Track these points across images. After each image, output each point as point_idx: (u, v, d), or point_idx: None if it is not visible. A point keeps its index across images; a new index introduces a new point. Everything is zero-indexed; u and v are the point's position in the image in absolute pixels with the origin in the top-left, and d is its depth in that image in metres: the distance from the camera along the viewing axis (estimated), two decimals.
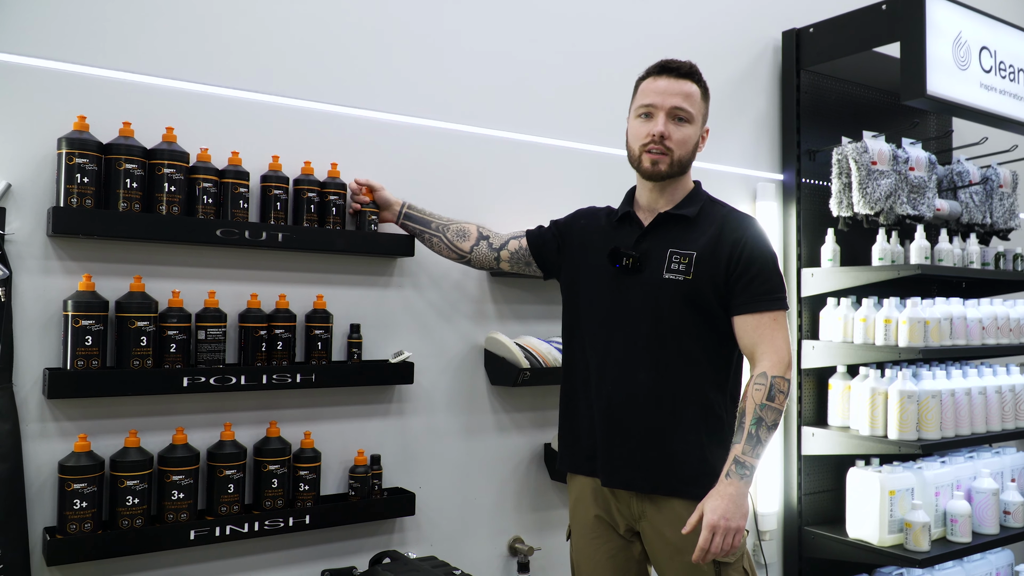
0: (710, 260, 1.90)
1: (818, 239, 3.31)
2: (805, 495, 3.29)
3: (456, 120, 2.54)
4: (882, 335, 3.03)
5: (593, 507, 2.03)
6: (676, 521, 1.89)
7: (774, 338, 1.86)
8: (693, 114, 1.94)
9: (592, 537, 2.03)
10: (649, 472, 1.92)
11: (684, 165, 1.98)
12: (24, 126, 1.91)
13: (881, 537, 2.99)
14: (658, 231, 1.98)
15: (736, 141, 3.27)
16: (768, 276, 1.90)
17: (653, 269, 1.93)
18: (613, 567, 2.00)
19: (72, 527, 1.86)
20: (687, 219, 1.96)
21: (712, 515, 1.74)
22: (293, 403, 2.24)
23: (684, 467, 1.91)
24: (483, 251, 2.23)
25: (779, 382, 1.84)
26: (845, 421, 3.21)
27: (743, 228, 1.93)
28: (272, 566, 2.21)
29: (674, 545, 1.91)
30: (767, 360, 1.85)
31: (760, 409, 1.82)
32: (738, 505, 1.77)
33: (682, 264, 1.91)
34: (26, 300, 1.91)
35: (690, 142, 1.95)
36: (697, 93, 1.96)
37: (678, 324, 1.91)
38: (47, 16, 1.94)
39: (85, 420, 1.97)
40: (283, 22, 2.26)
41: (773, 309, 1.88)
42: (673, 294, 1.91)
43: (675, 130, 1.93)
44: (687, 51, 3.08)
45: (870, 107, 3.53)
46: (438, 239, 2.25)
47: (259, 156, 2.19)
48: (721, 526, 1.73)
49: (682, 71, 1.96)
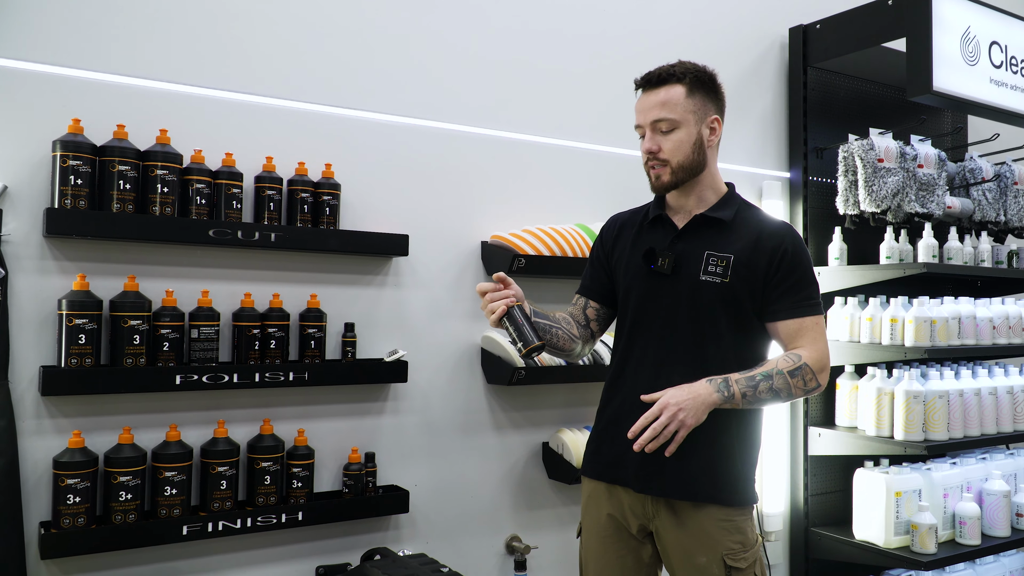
0: (748, 265, 1.87)
1: (825, 238, 3.27)
2: (812, 496, 3.26)
3: (451, 120, 2.55)
4: (888, 334, 2.99)
5: (607, 505, 1.98)
6: (692, 525, 1.86)
7: (815, 339, 1.86)
8: (676, 118, 1.89)
9: (603, 536, 1.99)
10: (684, 481, 1.87)
11: (690, 168, 1.91)
12: (20, 129, 1.96)
13: (887, 539, 2.95)
14: (693, 233, 1.94)
15: (741, 139, 3.24)
16: (807, 283, 1.88)
17: (690, 270, 1.90)
18: (621, 568, 1.96)
19: (66, 521, 1.90)
20: (723, 222, 1.92)
21: (670, 397, 1.75)
22: (287, 401, 2.27)
23: (717, 475, 1.87)
24: (585, 335, 2.09)
25: (807, 371, 1.82)
26: (852, 421, 3.17)
27: (782, 235, 1.90)
28: (266, 562, 2.23)
29: (687, 549, 1.87)
30: (806, 351, 1.84)
31: (776, 373, 1.81)
32: (698, 405, 1.75)
33: (719, 267, 1.87)
34: (23, 299, 1.96)
35: (684, 145, 1.90)
36: (678, 94, 1.90)
37: (714, 327, 1.88)
38: (43, 21, 1.98)
39: (80, 417, 2.01)
40: (276, 25, 2.28)
41: (815, 314, 1.88)
42: (710, 296, 1.87)
43: (663, 140, 1.90)
44: (692, 49, 3.08)
45: (880, 103, 3.48)
46: (560, 330, 2.01)
47: (254, 157, 2.22)
48: (671, 410, 1.73)
49: (654, 80, 1.92)
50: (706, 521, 1.85)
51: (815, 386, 1.84)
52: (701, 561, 1.83)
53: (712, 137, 1.93)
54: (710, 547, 1.83)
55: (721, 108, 1.96)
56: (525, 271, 2.47)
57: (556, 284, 2.72)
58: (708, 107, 1.92)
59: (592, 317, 2.07)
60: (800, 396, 1.85)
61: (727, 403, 1.79)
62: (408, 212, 2.47)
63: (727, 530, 1.85)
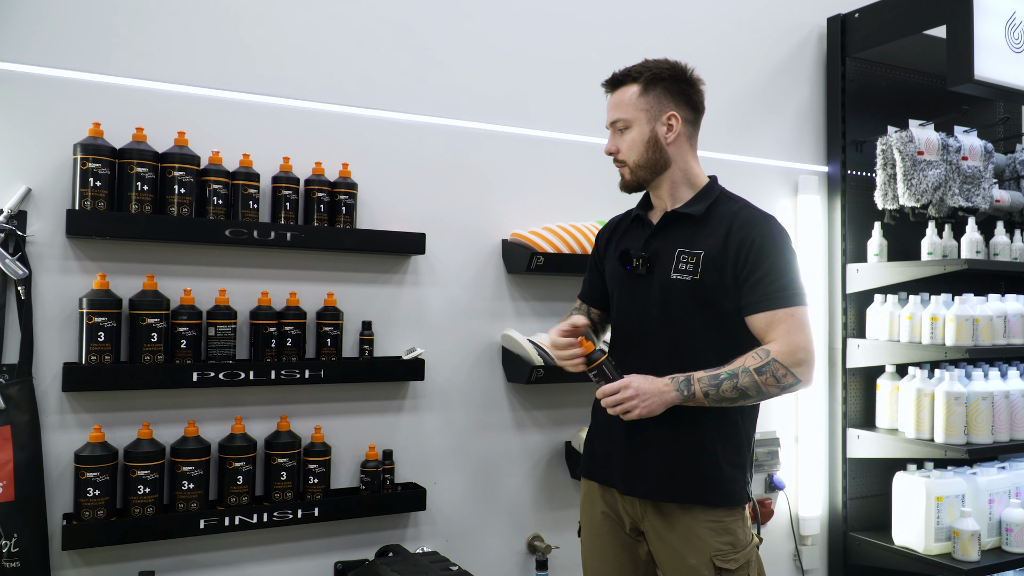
0: (718, 260, 1.83)
1: (865, 233, 3.17)
2: (851, 499, 3.16)
3: (469, 118, 2.55)
4: (928, 333, 2.88)
5: (600, 503, 1.99)
6: (680, 526, 1.85)
7: (789, 332, 1.77)
8: (628, 118, 1.90)
9: (599, 534, 1.99)
10: (667, 483, 1.86)
11: (648, 166, 1.91)
12: (44, 133, 2.02)
13: (927, 545, 2.84)
14: (667, 231, 1.92)
15: (776, 132, 3.16)
16: (780, 273, 1.80)
17: (662, 269, 1.88)
18: (618, 565, 1.96)
19: (86, 514, 1.96)
20: (694, 218, 1.90)
21: (633, 381, 1.76)
22: (305, 398, 2.30)
23: (699, 476, 1.85)
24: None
25: (777, 367, 1.75)
26: (893, 423, 3.07)
27: (751, 226, 1.84)
28: (284, 557, 2.27)
29: (676, 550, 1.86)
30: (776, 345, 1.77)
31: (743, 371, 1.75)
32: (655, 398, 1.76)
33: (689, 264, 1.85)
34: (46, 298, 2.02)
35: (637, 144, 1.90)
36: (631, 93, 1.90)
37: (689, 325, 1.86)
38: (65, 28, 2.04)
39: (102, 412, 2.06)
40: (292, 26, 2.31)
41: (788, 305, 1.79)
42: (682, 294, 1.85)
43: (620, 141, 1.93)
44: (724, 42, 3.04)
45: (922, 94, 3.35)
46: None
47: (271, 158, 2.25)
48: (629, 392, 1.75)
49: (611, 82, 1.95)
50: (693, 523, 1.83)
51: (792, 382, 1.76)
52: (691, 563, 1.81)
53: (670, 134, 1.90)
54: (699, 548, 1.81)
55: (688, 103, 1.93)
56: (543, 269, 2.45)
57: (574, 281, 2.67)
58: (665, 103, 1.90)
59: (596, 321, 2.09)
60: (777, 393, 1.78)
61: (688, 402, 1.77)
62: (426, 210, 2.47)
63: (715, 531, 1.82)
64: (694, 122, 1.96)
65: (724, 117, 3.04)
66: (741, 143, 3.08)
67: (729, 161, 3.03)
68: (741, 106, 3.09)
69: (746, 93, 3.11)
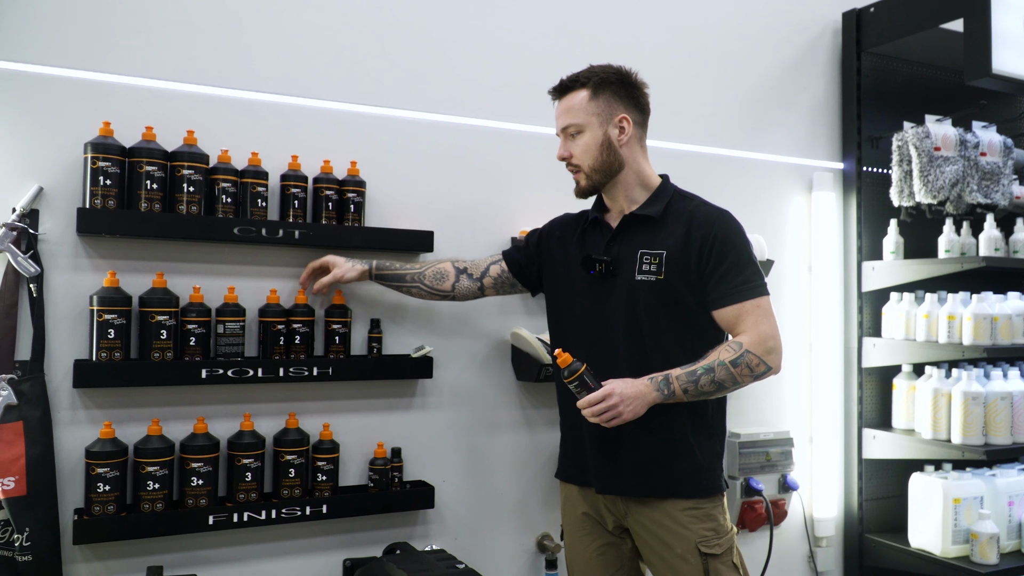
0: (681, 258, 1.89)
1: (881, 231, 3.13)
2: (867, 500, 3.13)
3: (478, 115, 2.55)
4: (945, 332, 2.84)
5: (582, 504, 2.05)
6: (663, 517, 1.90)
7: (757, 322, 1.86)
8: (580, 123, 1.95)
9: (581, 535, 2.05)
10: (643, 478, 1.93)
11: (603, 169, 1.95)
12: (55, 133, 2.04)
13: (944, 548, 2.81)
14: (627, 233, 1.97)
15: (790, 129, 3.13)
16: (743, 267, 1.88)
17: (626, 272, 1.93)
18: (603, 563, 2.01)
19: (96, 509, 1.98)
20: (653, 219, 1.95)
21: (615, 387, 1.80)
22: (313, 396, 2.30)
23: (675, 468, 1.92)
24: (464, 285, 2.23)
25: (751, 357, 1.83)
26: (910, 424, 3.03)
27: (711, 223, 1.91)
28: (293, 553, 2.28)
29: (662, 540, 1.91)
30: (747, 336, 1.85)
31: (718, 364, 1.82)
32: (638, 400, 1.80)
33: (653, 264, 1.91)
34: (58, 296, 2.04)
35: (590, 148, 1.95)
36: (582, 98, 1.95)
37: (655, 325, 1.91)
38: (75, 29, 2.06)
39: (112, 408, 2.08)
40: (300, 25, 2.32)
41: (753, 296, 1.87)
42: (647, 294, 1.90)
43: (572, 146, 1.97)
44: (737, 37, 3.02)
45: (939, 89, 3.31)
46: (416, 288, 2.24)
47: (279, 156, 2.26)
48: (614, 399, 1.78)
49: (560, 89, 2.00)
50: (675, 512, 1.88)
51: (764, 370, 1.84)
52: (677, 551, 1.87)
53: (622, 136, 1.95)
54: (683, 537, 1.87)
55: (635, 105, 1.98)
56: None
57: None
58: (615, 107, 1.95)
59: (495, 275, 2.20)
60: (750, 382, 1.85)
61: (668, 400, 1.82)
62: (435, 208, 2.47)
63: (697, 518, 1.89)
64: (643, 124, 2.02)
65: (736, 114, 3.02)
66: (754, 140, 3.05)
67: (741, 158, 3.01)
68: (754, 102, 3.06)
69: (759, 89, 3.08)
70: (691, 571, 1.88)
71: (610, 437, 1.91)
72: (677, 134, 2.86)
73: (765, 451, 2.92)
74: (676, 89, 2.88)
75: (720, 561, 1.88)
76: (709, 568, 1.87)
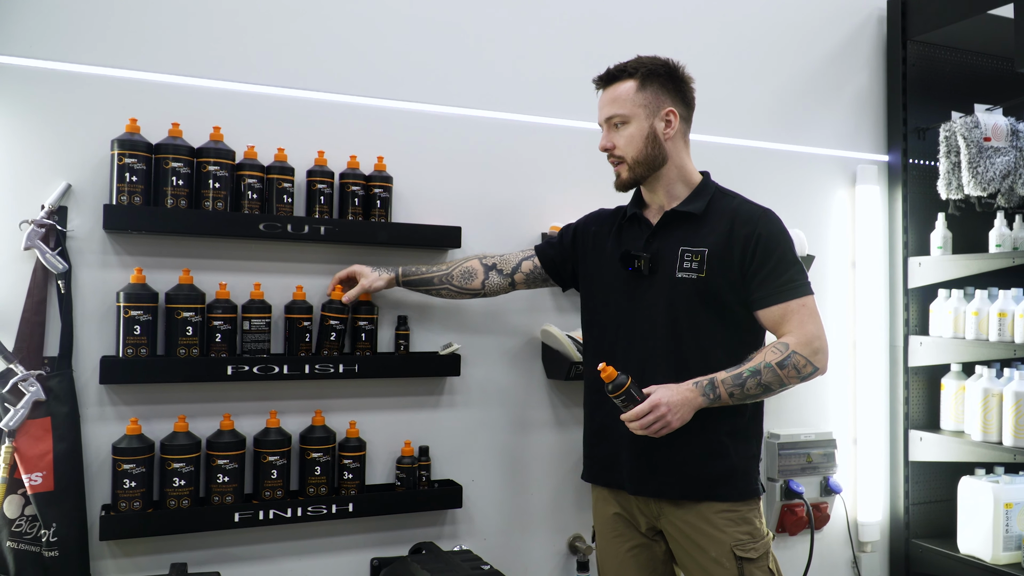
0: (723, 256, 1.85)
1: (928, 225, 3.02)
2: (913, 505, 3.01)
3: (507, 109, 2.51)
4: (996, 330, 2.72)
5: (614, 505, 2.01)
6: (698, 519, 1.86)
7: (803, 322, 1.82)
8: (626, 113, 1.90)
9: (613, 536, 2.01)
10: (677, 480, 1.88)
11: (647, 162, 1.91)
12: (83, 130, 2.05)
13: (995, 554, 2.69)
14: (667, 230, 1.93)
15: (833, 121, 3.03)
16: (787, 266, 1.84)
17: (666, 269, 1.89)
18: (636, 565, 1.98)
19: (123, 505, 1.98)
20: (695, 216, 1.91)
21: (660, 397, 1.76)
22: (340, 393, 2.28)
23: (710, 471, 1.87)
24: (495, 282, 2.19)
25: (798, 359, 1.79)
26: (959, 425, 2.91)
27: (754, 222, 1.87)
28: (319, 552, 2.26)
29: (696, 543, 1.87)
30: (792, 337, 1.81)
31: (765, 367, 1.78)
32: (685, 407, 1.77)
33: (694, 262, 1.86)
34: (86, 292, 2.05)
35: (636, 139, 1.90)
36: (628, 88, 1.91)
37: (694, 323, 1.87)
38: (101, 26, 2.07)
39: (139, 405, 2.09)
40: (326, 20, 2.30)
41: (799, 296, 1.83)
42: (687, 293, 1.86)
43: (616, 137, 1.93)
44: (778, 27, 2.94)
45: (989, 77, 3.17)
46: (446, 289, 2.19)
47: (306, 152, 2.24)
48: (662, 410, 1.74)
49: (606, 78, 1.96)
50: (711, 515, 1.84)
51: (811, 371, 1.80)
52: (712, 555, 1.83)
53: (668, 130, 1.90)
54: (718, 540, 1.83)
55: (682, 99, 1.94)
56: None
57: None
58: (662, 99, 1.90)
59: (527, 271, 2.16)
60: (796, 383, 1.81)
61: (714, 404, 1.78)
62: (462, 204, 2.44)
63: (733, 521, 1.84)
64: (688, 119, 1.97)
65: (778, 106, 2.94)
66: (796, 132, 2.96)
67: (783, 151, 2.92)
68: (796, 94, 2.97)
69: (801, 80, 2.99)
70: (726, 575, 1.83)
71: (644, 437, 1.86)
72: (718, 127, 2.79)
73: (806, 452, 2.83)
74: (717, 81, 2.80)
75: (756, 566, 1.83)
76: (744, 573, 1.82)
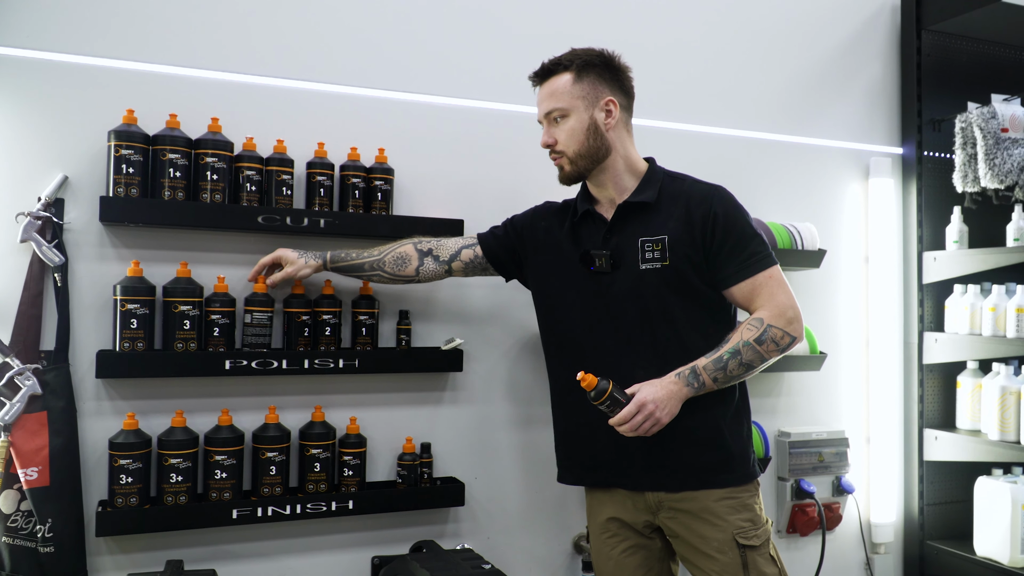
0: (684, 240, 1.83)
1: (943, 219, 2.95)
2: (928, 505, 2.95)
3: (509, 101, 2.46)
4: (1014, 326, 2.65)
5: (609, 507, 1.97)
6: (698, 508, 1.83)
7: (773, 294, 1.81)
8: (564, 106, 1.87)
9: (607, 536, 1.98)
10: (672, 471, 1.85)
11: (590, 155, 1.87)
12: (80, 121, 2.03)
13: (1013, 556, 2.62)
14: (623, 223, 1.90)
15: (845, 113, 2.97)
16: (748, 240, 1.83)
17: (629, 262, 1.87)
18: (633, 564, 1.93)
19: (119, 501, 1.95)
20: (649, 204, 1.88)
21: (645, 395, 1.74)
22: (340, 388, 2.25)
23: (706, 457, 1.85)
24: (430, 268, 2.10)
25: (775, 331, 1.79)
26: (976, 424, 2.84)
27: (709, 201, 1.85)
28: (319, 549, 2.23)
29: (698, 533, 1.84)
30: (765, 311, 1.81)
31: (744, 345, 1.78)
32: (671, 401, 1.76)
33: (656, 251, 1.84)
34: (82, 285, 2.03)
35: (577, 132, 1.87)
36: (565, 81, 1.87)
37: (666, 311, 1.84)
38: (98, 16, 2.05)
39: (136, 399, 2.06)
40: (326, 10, 2.27)
41: (765, 268, 1.83)
42: (655, 282, 1.84)
43: (557, 131, 1.89)
44: (787, 16, 2.89)
45: (1006, 67, 3.10)
46: (377, 276, 2.09)
47: (306, 143, 2.21)
48: (648, 408, 1.73)
49: (541, 73, 1.92)
50: (710, 503, 1.82)
51: (789, 341, 1.81)
52: (714, 544, 1.80)
53: (609, 119, 1.87)
54: (720, 529, 1.80)
55: (621, 88, 1.91)
56: None
57: None
58: (600, 89, 1.87)
59: (467, 260, 2.09)
60: (777, 356, 1.81)
61: (699, 392, 1.77)
62: (464, 196, 2.40)
63: (734, 508, 1.82)
64: (629, 108, 1.94)
65: (788, 97, 2.88)
66: (807, 124, 2.90)
67: (793, 143, 2.87)
68: (806, 85, 2.91)
69: (813, 71, 2.93)
70: (729, 564, 1.80)
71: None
72: (728, 119, 2.74)
73: (818, 451, 2.78)
74: (726, 71, 2.76)
75: (758, 553, 1.81)
76: (747, 560, 1.79)
